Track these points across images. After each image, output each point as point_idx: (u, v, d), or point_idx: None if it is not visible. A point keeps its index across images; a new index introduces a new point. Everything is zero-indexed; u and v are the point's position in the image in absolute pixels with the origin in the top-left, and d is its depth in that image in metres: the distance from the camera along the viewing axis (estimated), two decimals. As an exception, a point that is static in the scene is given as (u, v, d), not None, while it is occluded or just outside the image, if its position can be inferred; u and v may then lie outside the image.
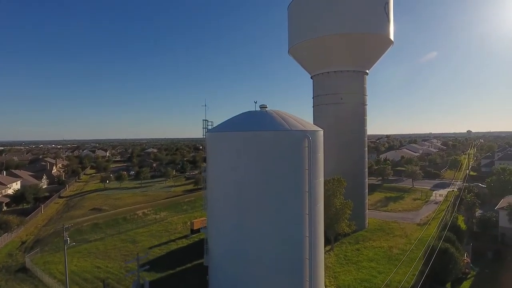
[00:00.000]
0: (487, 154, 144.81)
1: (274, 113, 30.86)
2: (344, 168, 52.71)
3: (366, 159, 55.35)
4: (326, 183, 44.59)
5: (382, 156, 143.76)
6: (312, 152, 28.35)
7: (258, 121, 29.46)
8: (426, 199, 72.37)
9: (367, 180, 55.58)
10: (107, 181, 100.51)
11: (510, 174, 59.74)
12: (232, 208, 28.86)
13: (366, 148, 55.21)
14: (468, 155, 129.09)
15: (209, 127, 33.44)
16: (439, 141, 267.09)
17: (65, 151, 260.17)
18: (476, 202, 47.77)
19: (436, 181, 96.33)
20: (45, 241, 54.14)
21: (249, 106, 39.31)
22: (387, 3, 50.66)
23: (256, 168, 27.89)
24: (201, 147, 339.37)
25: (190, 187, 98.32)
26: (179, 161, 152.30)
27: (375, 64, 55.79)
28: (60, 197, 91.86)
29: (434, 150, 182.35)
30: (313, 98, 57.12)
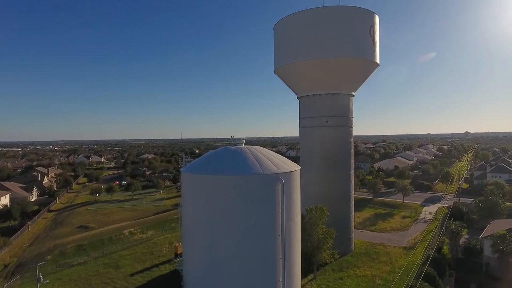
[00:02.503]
0: (481, 163, 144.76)
1: (249, 152, 30.37)
2: (330, 191, 52.33)
3: (353, 182, 54.83)
4: (308, 211, 44.25)
5: (376, 165, 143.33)
6: (285, 195, 27.88)
7: (231, 163, 28.94)
8: (415, 217, 71.91)
9: (353, 203, 55.06)
10: (97, 195, 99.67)
11: (498, 195, 59.35)
12: (204, 250, 28.41)
13: (352, 171, 54.69)
14: (460, 169, 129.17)
15: (187, 163, 33.03)
16: (435, 146, 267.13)
17: (60, 157, 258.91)
18: (460, 231, 47.32)
19: (428, 195, 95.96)
20: (28, 265, 53.40)
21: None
22: (372, 26, 50.22)
23: (227, 212, 27.43)
24: (197, 151, 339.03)
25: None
26: (172, 169, 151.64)
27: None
28: (49, 210, 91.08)
29: (429, 158, 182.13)
30: (299, 119, 56.61)
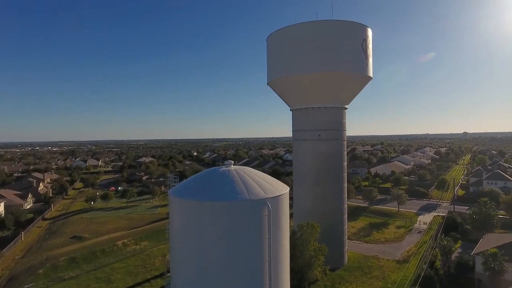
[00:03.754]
0: (478, 168, 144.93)
1: (236, 175, 30.12)
2: (323, 204, 52.19)
3: (345, 195, 54.66)
4: (299, 228, 44.12)
5: (373, 170, 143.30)
6: (272, 220, 27.65)
7: (217, 187, 28.67)
8: (410, 227, 71.77)
9: (346, 216, 54.90)
10: (92, 203, 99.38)
11: (491, 207, 59.31)
12: (190, 276, 28.17)
13: (346, 184, 54.53)
14: (455, 177, 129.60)
15: (175, 183, 32.92)
16: (432, 149, 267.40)
17: (58, 160, 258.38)
18: (452, 246, 47.23)
19: (423, 202, 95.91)
20: (19, 279, 53.14)
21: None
22: (365, 40, 50.10)
23: (213, 238, 27.19)
24: (195, 153, 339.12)
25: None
26: (168, 173, 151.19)
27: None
28: (44, 219, 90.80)
29: (426, 162, 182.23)
30: (292, 131, 56.46)
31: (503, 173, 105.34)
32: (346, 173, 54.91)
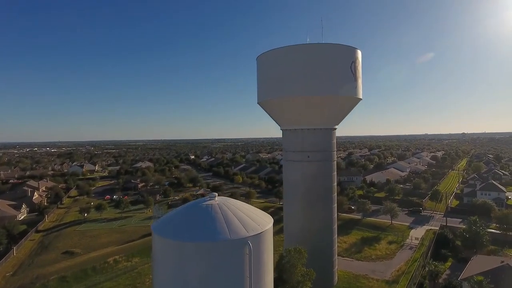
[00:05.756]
0: (473, 175, 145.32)
1: (219, 211, 30.21)
2: (312, 225, 52.27)
3: (335, 216, 54.72)
4: (287, 253, 44.25)
5: (369, 178, 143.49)
6: (254, 258, 27.75)
7: (199, 225, 28.75)
8: (402, 242, 71.91)
9: (336, 236, 54.96)
10: (85, 214, 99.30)
11: (481, 226, 59.53)
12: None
13: (335, 205, 54.62)
14: (446, 192, 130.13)
15: (160, 214, 32.91)
16: (429, 153, 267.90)
17: (54, 164, 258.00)
18: (440, 271, 47.37)
19: (417, 214, 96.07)
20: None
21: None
22: (354, 62, 50.19)
23: (193, 277, 27.24)
24: (192, 156, 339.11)
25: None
26: (163, 182, 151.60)
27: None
28: (37, 231, 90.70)
29: (423, 168, 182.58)
30: (282, 151, 56.50)
31: (496, 184, 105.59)
32: (335, 194, 55.01)
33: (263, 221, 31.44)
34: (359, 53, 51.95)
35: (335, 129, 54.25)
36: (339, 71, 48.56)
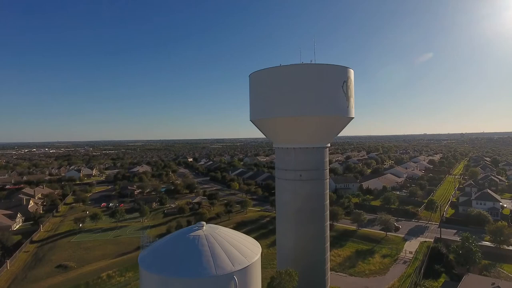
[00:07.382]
0: (469, 182, 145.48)
1: (206, 243, 30.31)
2: (304, 243, 52.20)
3: (328, 234, 54.66)
4: (277, 275, 44.23)
5: (365, 185, 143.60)
6: (240, 293, 27.75)
7: (184, 259, 28.80)
8: (396, 256, 71.96)
9: (328, 254, 54.92)
10: (80, 225, 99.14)
11: (473, 242, 59.60)
12: None
13: (328, 223, 54.58)
14: (440, 204, 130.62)
15: (147, 243, 32.88)
16: (426, 157, 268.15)
17: (52, 168, 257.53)
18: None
19: (412, 224, 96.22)
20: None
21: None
22: (345, 81, 50.14)
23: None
24: (190, 159, 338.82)
25: (165, 228, 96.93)
26: (159, 189, 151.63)
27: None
28: (32, 241, 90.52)
29: (419, 173, 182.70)
30: (275, 169, 56.48)
31: (491, 193, 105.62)
32: (328, 212, 55.00)
33: (250, 253, 31.46)
34: (352, 72, 51.92)
35: (328, 147, 54.27)
36: (331, 91, 48.49)
